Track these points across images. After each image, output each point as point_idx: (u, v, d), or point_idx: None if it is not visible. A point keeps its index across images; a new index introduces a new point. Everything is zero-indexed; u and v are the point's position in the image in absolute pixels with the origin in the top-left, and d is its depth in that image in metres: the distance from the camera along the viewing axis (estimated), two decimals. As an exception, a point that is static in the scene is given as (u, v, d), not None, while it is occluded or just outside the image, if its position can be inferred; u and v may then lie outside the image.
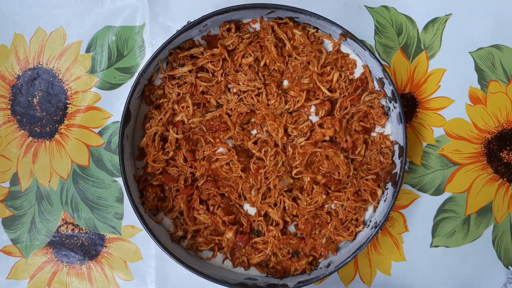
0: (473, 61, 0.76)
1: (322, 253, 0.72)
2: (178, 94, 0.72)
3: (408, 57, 0.76)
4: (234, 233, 0.71)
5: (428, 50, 0.76)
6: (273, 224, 0.73)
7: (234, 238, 0.71)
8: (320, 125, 0.72)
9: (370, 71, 0.72)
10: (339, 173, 0.71)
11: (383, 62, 0.75)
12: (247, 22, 0.73)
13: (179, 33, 0.67)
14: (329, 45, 0.73)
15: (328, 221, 0.72)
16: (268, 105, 0.72)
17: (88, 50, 0.76)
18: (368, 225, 0.71)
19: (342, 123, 0.71)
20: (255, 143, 0.72)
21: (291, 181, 0.71)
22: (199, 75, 0.72)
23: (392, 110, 0.71)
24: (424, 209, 0.76)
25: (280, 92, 0.72)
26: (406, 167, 0.72)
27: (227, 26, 0.72)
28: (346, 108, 0.72)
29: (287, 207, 0.72)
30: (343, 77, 0.72)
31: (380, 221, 0.68)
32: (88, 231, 0.77)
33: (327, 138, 0.72)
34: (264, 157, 0.72)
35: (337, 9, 0.75)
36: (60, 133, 0.77)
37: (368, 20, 0.75)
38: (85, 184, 0.77)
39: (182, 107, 0.72)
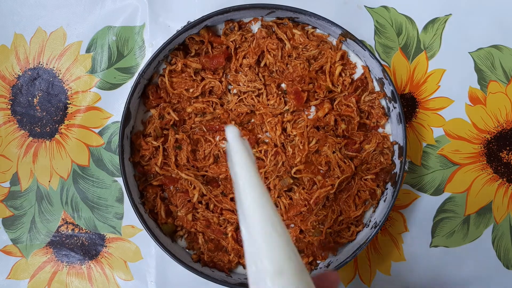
0: (472, 61, 0.76)
1: (323, 253, 0.72)
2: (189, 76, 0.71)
3: (408, 57, 0.76)
4: (235, 228, 0.72)
5: (428, 50, 0.76)
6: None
7: (235, 234, 0.71)
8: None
9: (369, 71, 0.72)
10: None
11: (382, 63, 0.75)
12: (249, 21, 0.73)
13: (179, 33, 0.68)
14: (329, 45, 0.73)
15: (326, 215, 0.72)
16: (268, 105, 0.72)
17: (88, 50, 0.76)
18: (368, 225, 0.72)
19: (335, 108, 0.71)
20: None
21: (291, 181, 0.71)
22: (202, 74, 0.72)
23: (392, 110, 0.71)
24: (423, 209, 0.76)
25: (280, 92, 0.72)
26: (405, 167, 0.72)
27: (230, 25, 0.72)
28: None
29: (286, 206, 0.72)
30: (347, 74, 0.71)
31: (380, 221, 0.68)
32: (88, 231, 0.77)
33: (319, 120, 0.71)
34: (264, 157, 0.72)
35: (337, 9, 0.75)
36: (60, 133, 0.77)
37: (368, 20, 0.75)
38: (85, 184, 0.77)
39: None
